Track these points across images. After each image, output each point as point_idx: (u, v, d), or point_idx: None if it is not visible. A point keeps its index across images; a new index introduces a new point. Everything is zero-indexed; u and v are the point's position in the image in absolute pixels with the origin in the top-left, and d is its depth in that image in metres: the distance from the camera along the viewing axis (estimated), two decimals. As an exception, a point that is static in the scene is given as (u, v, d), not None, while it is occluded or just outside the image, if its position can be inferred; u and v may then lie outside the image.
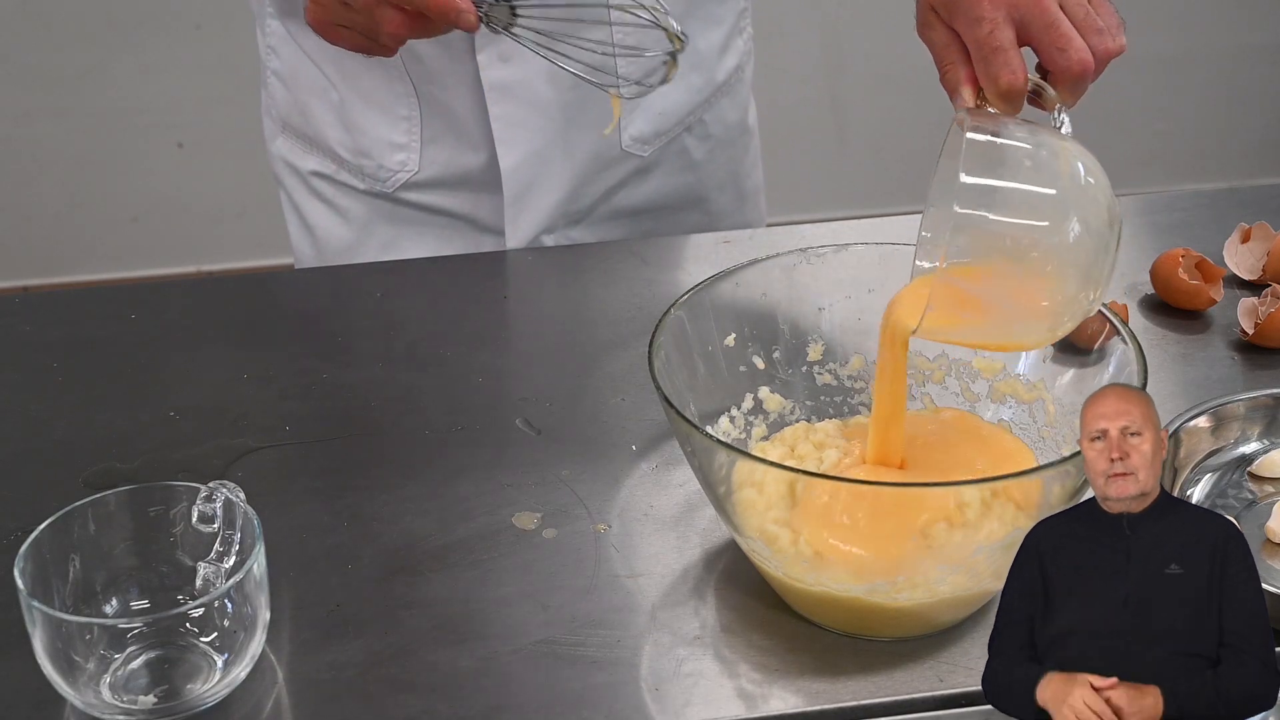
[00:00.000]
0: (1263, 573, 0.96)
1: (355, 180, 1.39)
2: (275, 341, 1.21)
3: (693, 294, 0.99)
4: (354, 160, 1.38)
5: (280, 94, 1.41)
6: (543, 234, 1.38)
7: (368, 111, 1.35)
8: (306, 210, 1.44)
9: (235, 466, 1.07)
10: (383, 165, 1.37)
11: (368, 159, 1.37)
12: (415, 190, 1.38)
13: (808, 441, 1.01)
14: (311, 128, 1.39)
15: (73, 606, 0.91)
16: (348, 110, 1.36)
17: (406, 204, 1.39)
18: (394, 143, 1.36)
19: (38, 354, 1.20)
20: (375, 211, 1.40)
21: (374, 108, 1.35)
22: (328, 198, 1.41)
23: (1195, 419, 1.04)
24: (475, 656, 0.93)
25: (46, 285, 2.95)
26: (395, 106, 1.34)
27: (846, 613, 0.93)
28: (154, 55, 2.84)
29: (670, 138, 1.40)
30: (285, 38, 1.38)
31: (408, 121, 1.35)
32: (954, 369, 1.04)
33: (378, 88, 1.34)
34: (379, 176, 1.37)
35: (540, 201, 1.37)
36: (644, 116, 1.38)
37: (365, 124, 1.36)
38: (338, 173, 1.39)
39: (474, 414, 1.12)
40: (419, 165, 1.36)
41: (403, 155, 1.36)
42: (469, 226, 1.40)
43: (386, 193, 1.38)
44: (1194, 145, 3.22)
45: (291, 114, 1.41)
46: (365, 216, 1.41)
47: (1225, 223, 1.29)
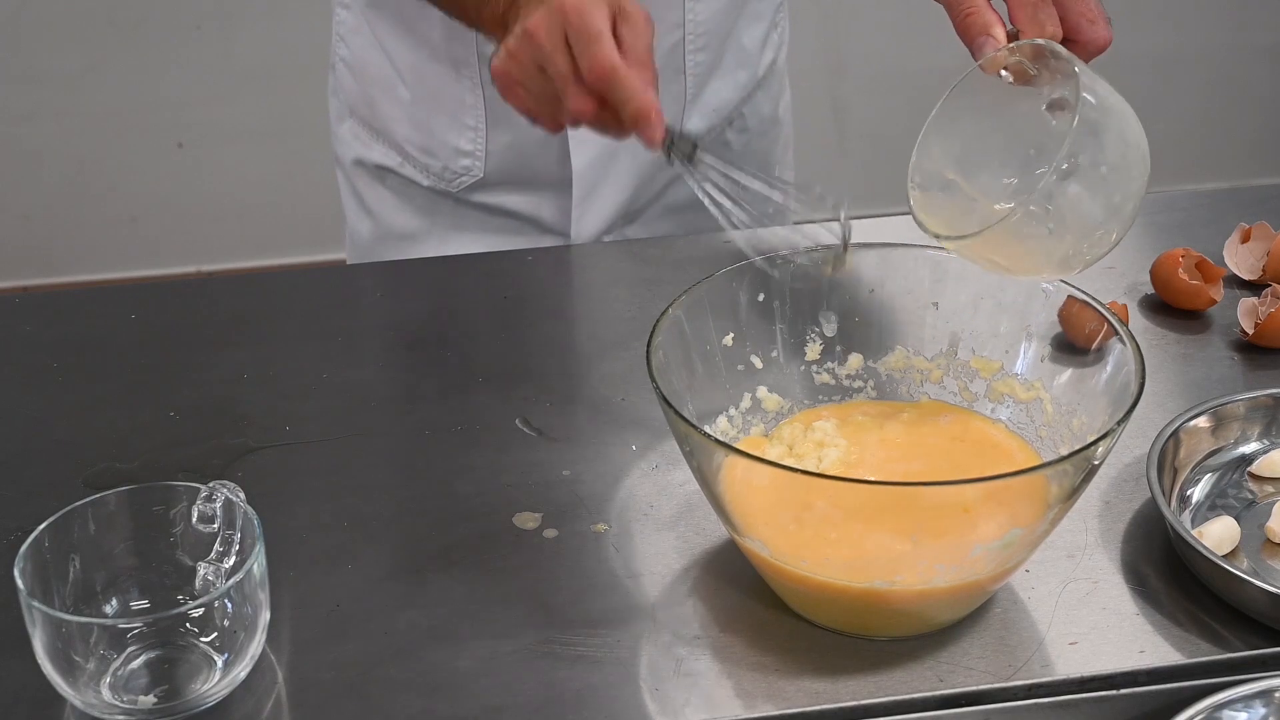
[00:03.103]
0: (1263, 573, 0.96)
1: (419, 176, 1.39)
2: (275, 341, 1.21)
3: (691, 293, 0.99)
4: (421, 158, 1.38)
5: (348, 82, 1.42)
6: (604, 233, 1.40)
7: (436, 114, 1.36)
8: (368, 196, 1.44)
9: (235, 466, 1.07)
10: (448, 167, 1.38)
11: (434, 159, 1.38)
12: (480, 191, 1.39)
13: (807, 440, 1.01)
14: (379, 120, 1.40)
15: (73, 606, 0.91)
16: (416, 109, 1.36)
17: (470, 204, 1.40)
18: (460, 149, 1.37)
19: (38, 354, 1.20)
20: (438, 206, 1.41)
21: (442, 111, 1.36)
22: (391, 186, 1.42)
23: (1195, 419, 1.04)
24: (475, 656, 0.93)
25: (46, 285, 2.95)
26: (463, 115, 1.35)
27: (845, 612, 0.93)
28: (154, 55, 2.84)
29: (718, 132, 1.42)
30: (355, 28, 1.39)
31: (474, 131, 1.36)
32: (952, 368, 1.04)
33: (447, 92, 1.35)
34: (444, 176, 1.38)
35: (607, 200, 1.38)
36: (701, 113, 1.40)
37: (433, 125, 1.37)
38: (402, 165, 1.40)
39: (474, 414, 1.12)
40: (484, 171, 1.37)
41: (468, 161, 1.37)
42: (532, 226, 1.41)
43: (450, 192, 1.39)
44: (1194, 145, 3.22)
45: (359, 104, 1.41)
46: (429, 208, 1.41)
47: (1225, 223, 1.29)
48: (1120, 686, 0.89)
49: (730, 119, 1.44)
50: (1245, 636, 0.93)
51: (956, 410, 1.04)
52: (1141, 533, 1.01)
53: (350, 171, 1.45)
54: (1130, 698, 0.88)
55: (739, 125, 1.45)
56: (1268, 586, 0.92)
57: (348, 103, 1.43)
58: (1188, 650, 0.92)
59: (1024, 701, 0.89)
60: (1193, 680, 0.88)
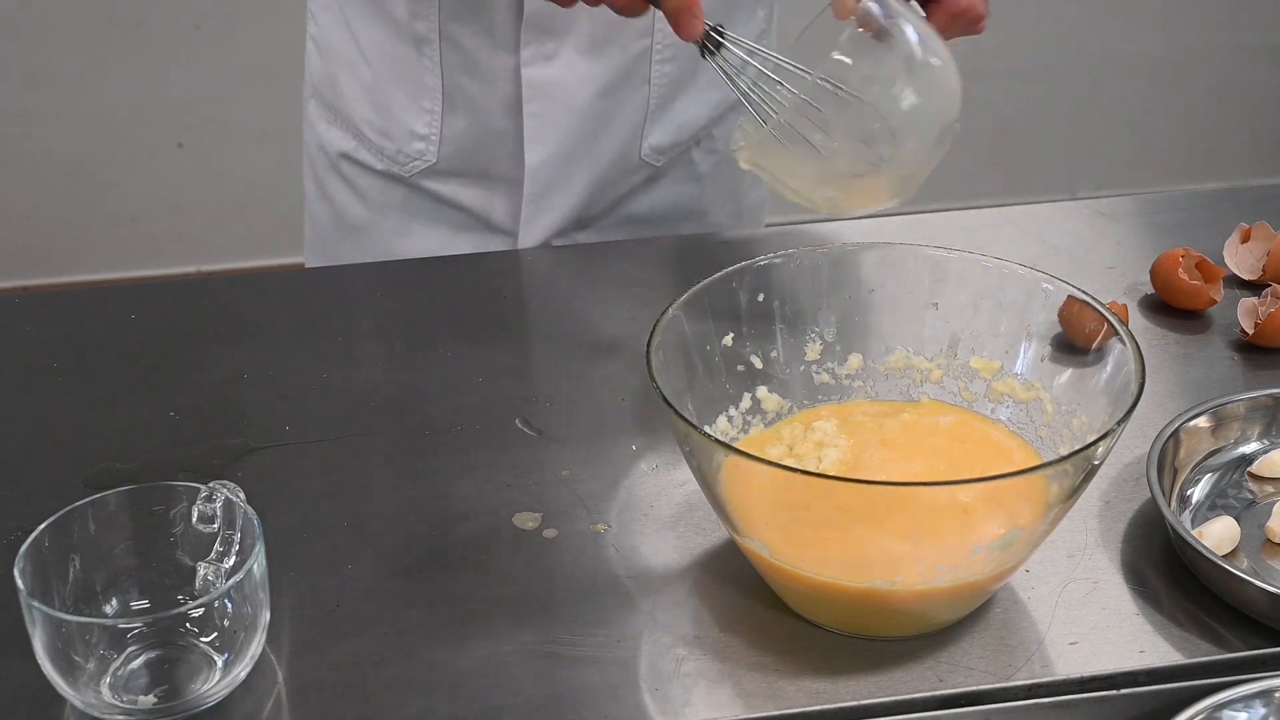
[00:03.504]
0: (1263, 573, 0.96)
1: (374, 160, 1.39)
2: (275, 341, 1.21)
3: (691, 294, 0.99)
4: (376, 140, 1.38)
5: (315, 61, 1.42)
6: (554, 237, 1.39)
7: (395, 95, 1.35)
8: (327, 182, 1.44)
9: (235, 466, 1.07)
10: (402, 150, 1.37)
11: (389, 141, 1.37)
12: (432, 178, 1.38)
13: (807, 440, 1.01)
14: (340, 100, 1.40)
15: (73, 606, 0.91)
16: (377, 89, 1.36)
17: (422, 191, 1.39)
18: (415, 132, 1.36)
19: (38, 354, 1.20)
20: (390, 196, 1.40)
21: (402, 93, 1.35)
22: (346, 174, 1.42)
23: (1195, 419, 1.04)
24: (475, 656, 0.93)
25: (46, 285, 2.95)
26: (421, 97, 1.34)
27: (845, 612, 0.93)
28: (154, 55, 2.84)
29: (682, 149, 1.40)
30: (326, 4, 1.39)
31: (430, 114, 1.35)
32: (952, 369, 1.04)
33: (408, 74, 1.34)
34: (398, 160, 1.38)
35: (558, 203, 1.37)
36: (665, 128, 1.39)
37: (392, 106, 1.36)
38: (357, 150, 1.40)
39: (474, 414, 1.12)
40: (436, 157, 1.36)
41: (421, 145, 1.36)
42: (481, 224, 1.40)
43: (403, 178, 1.38)
44: (1194, 145, 3.22)
45: (323, 83, 1.41)
46: (381, 199, 1.41)
47: (1225, 223, 1.29)
48: (1120, 686, 0.89)
49: (698, 138, 1.42)
50: (1245, 636, 0.93)
51: (956, 410, 1.04)
52: (1141, 533, 1.01)
53: (313, 155, 1.45)
54: (1130, 698, 0.88)
55: (707, 146, 1.43)
56: (1268, 586, 0.92)
57: (312, 82, 1.43)
58: (1188, 650, 0.92)
59: (1024, 701, 0.89)
60: (1193, 680, 0.88)
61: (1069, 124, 3.15)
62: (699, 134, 1.41)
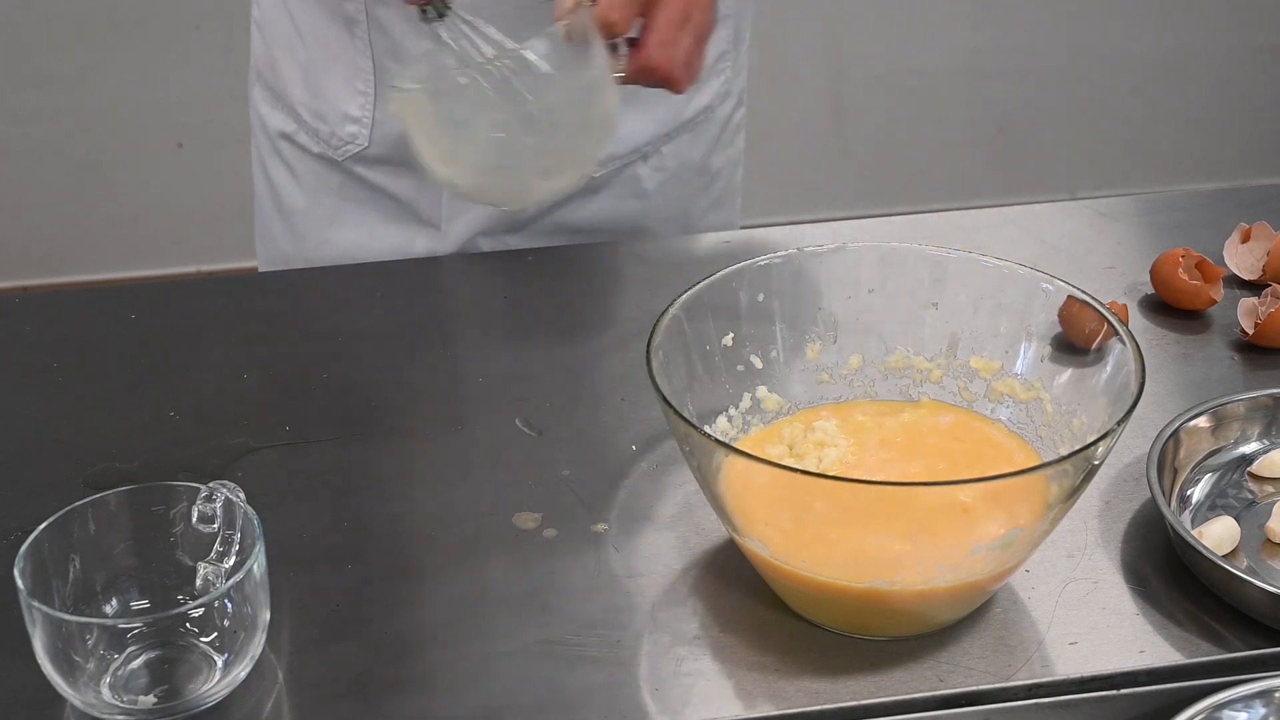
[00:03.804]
0: (1263, 573, 0.96)
1: (311, 142, 1.39)
2: (275, 341, 1.21)
3: (691, 294, 0.99)
4: (311, 122, 1.38)
5: (257, 43, 1.42)
6: (479, 235, 1.38)
7: (329, 77, 1.35)
8: (269, 164, 1.44)
9: (235, 466, 1.07)
10: (335, 133, 1.37)
11: (323, 123, 1.37)
12: (363, 164, 1.38)
13: (807, 440, 1.01)
14: (279, 82, 1.40)
15: (73, 607, 0.91)
16: (312, 71, 1.36)
17: (354, 177, 1.39)
18: (348, 114, 1.36)
19: (38, 354, 1.20)
20: (324, 181, 1.40)
21: (336, 75, 1.35)
22: (286, 157, 1.42)
23: (1195, 419, 1.04)
24: (475, 656, 0.93)
25: (46, 285, 2.95)
26: (355, 79, 1.34)
27: (845, 612, 0.93)
28: (154, 55, 2.84)
29: (624, 163, 1.39)
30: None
31: (363, 97, 1.35)
32: (952, 369, 1.04)
33: (342, 56, 1.34)
34: (331, 143, 1.38)
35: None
36: None
37: (326, 89, 1.36)
38: (296, 133, 1.40)
39: (474, 414, 1.12)
40: (369, 141, 1.36)
41: (354, 128, 1.36)
42: (409, 215, 1.39)
43: (336, 161, 1.38)
44: (1194, 145, 3.22)
45: (265, 66, 1.41)
46: (315, 184, 1.41)
47: (1225, 223, 1.29)
48: (1120, 686, 0.89)
49: (645, 154, 1.40)
50: (1245, 636, 0.93)
51: (956, 410, 1.04)
52: (1141, 533, 1.01)
53: (258, 138, 1.45)
54: (1130, 698, 0.88)
55: (655, 163, 1.40)
56: (1268, 586, 0.92)
57: (256, 65, 1.43)
58: (1188, 650, 0.92)
59: (1024, 701, 0.88)
60: (1193, 680, 0.88)
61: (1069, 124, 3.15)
62: (644, 150, 1.39)
